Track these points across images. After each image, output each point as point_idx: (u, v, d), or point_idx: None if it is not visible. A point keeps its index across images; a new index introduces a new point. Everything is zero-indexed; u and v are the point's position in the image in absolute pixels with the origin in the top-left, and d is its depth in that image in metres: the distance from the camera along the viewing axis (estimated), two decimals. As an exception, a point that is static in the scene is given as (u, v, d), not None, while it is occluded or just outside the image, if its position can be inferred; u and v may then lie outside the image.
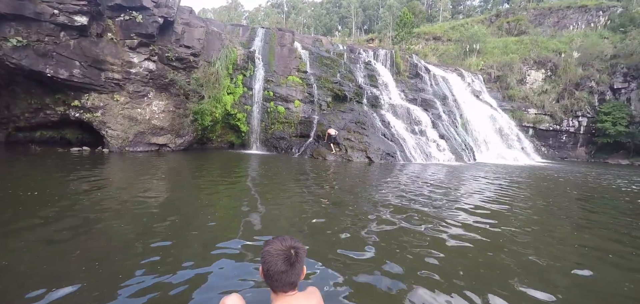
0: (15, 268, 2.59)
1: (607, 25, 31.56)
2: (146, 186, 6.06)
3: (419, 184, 7.77)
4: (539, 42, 29.33)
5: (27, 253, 2.87)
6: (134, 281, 2.46)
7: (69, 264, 2.70)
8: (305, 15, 62.86)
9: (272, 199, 5.52)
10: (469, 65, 27.66)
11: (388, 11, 46.38)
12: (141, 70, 11.54)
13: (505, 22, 37.22)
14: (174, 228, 3.73)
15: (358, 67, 18.93)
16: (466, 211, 5.22)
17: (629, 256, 3.60)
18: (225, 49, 13.93)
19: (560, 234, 4.30)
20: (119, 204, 4.63)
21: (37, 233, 3.36)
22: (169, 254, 2.99)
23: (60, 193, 5.08)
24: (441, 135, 16.73)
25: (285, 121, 15.20)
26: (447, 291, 2.53)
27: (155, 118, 12.29)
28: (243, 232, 3.70)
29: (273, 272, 1.30)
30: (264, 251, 1.36)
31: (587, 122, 25.09)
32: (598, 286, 2.84)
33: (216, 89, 13.22)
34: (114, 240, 3.29)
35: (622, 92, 24.52)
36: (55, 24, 9.86)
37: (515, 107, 25.45)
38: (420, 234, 3.91)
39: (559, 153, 25.59)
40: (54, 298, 2.18)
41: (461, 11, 56.97)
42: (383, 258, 3.11)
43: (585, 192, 8.25)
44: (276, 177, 8.03)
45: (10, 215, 3.87)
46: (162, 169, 8.46)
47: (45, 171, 7.06)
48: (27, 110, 11.31)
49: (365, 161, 12.96)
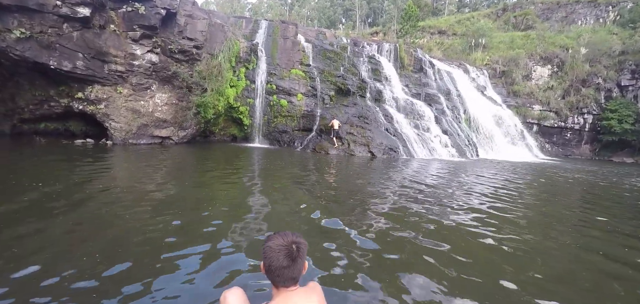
0: (26, 256, 2.63)
1: (617, 20, 30.93)
2: (150, 179, 6.10)
3: (420, 180, 7.75)
4: (546, 37, 28.84)
5: (36, 240, 2.91)
6: (134, 273, 2.49)
7: (76, 254, 2.74)
8: (309, 8, 62.21)
9: (274, 194, 5.53)
10: (474, 60, 27.32)
11: (393, 4, 45.78)
12: (144, 62, 11.53)
13: (512, 16, 36.62)
14: (175, 222, 3.75)
15: (362, 61, 18.78)
16: (466, 208, 5.20)
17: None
18: (228, 41, 13.86)
19: (559, 238, 4.28)
20: (122, 197, 4.67)
21: (43, 224, 3.40)
22: (170, 247, 3.01)
23: (67, 185, 5.13)
24: (444, 130, 16.64)
25: (287, 115, 15.17)
26: (447, 283, 2.54)
27: (158, 111, 12.32)
28: (244, 226, 3.72)
29: (275, 267, 1.30)
30: (266, 246, 1.36)
31: (592, 120, 24.79)
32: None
33: (219, 81, 13.20)
34: (117, 232, 3.32)
35: (630, 89, 24.14)
36: (58, 16, 9.84)
37: (520, 103, 25.19)
38: (421, 229, 3.91)
39: (563, 150, 25.37)
40: (63, 285, 2.21)
41: (467, 5, 56.04)
42: (383, 252, 3.12)
43: (594, 191, 8.18)
44: (278, 171, 8.04)
45: (17, 206, 3.92)
46: (166, 161, 8.50)
47: (49, 163, 7.12)
48: (31, 102, 11.37)
49: (368, 156, 12.93)
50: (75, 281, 2.35)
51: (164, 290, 2.33)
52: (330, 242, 3.40)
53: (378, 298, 2.40)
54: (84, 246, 2.97)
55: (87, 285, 2.32)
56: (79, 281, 2.36)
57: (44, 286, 2.27)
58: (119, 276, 2.48)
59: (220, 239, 3.30)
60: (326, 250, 3.19)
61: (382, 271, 2.82)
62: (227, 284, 2.46)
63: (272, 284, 1.39)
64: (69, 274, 2.43)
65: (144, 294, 2.27)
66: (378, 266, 2.90)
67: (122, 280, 2.41)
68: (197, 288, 2.39)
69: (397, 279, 2.69)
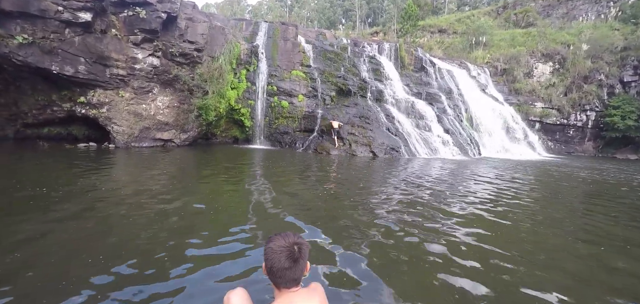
0: (31, 262, 2.65)
1: (618, 16, 30.77)
2: (153, 181, 6.12)
3: (422, 180, 7.74)
4: (547, 34, 28.74)
5: (40, 243, 2.93)
6: (138, 274, 2.50)
7: (81, 256, 2.75)
8: (309, 9, 62.31)
9: (276, 194, 5.54)
10: (475, 58, 27.26)
11: (393, 4, 45.79)
12: (145, 66, 11.58)
13: (512, 13, 36.52)
14: (178, 223, 3.76)
15: (362, 61, 18.78)
16: (469, 207, 5.18)
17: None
18: (228, 43, 13.90)
19: (558, 242, 4.25)
20: (125, 200, 4.68)
21: (48, 228, 3.42)
22: (173, 248, 3.02)
23: (70, 189, 5.15)
24: (446, 129, 16.60)
25: (289, 116, 15.19)
26: (447, 283, 2.53)
27: (160, 114, 12.37)
28: (246, 227, 3.72)
29: (276, 269, 1.30)
30: (267, 247, 1.36)
31: (595, 116, 24.65)
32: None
33: (220, 84, 13.24)
34: (121, 234, 3.34)
35: (632, 85, 24.00)
36: (60, 21, 9.91)
37: (521, 101, 25.09)
38: (422, 228, 3.90)
39: (565, 148, 25.23)
40: (64, 292, 2.22)
41: (467, 3, 55.93)
42: (385, 253, 3.11)
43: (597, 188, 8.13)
44: (280, 172, 8.05)
45: (23, 209, 3.94)
46: (168, 164, 8.53)
47: (53, 167, 7.16)
48: (34, 106, 11.45)
49: (369, 156, 12.92)
50: (80, 283, 2.36)
51: (167, 291, 2.34)
52: (333, 244, 3.39)
53: (382, 300, 2.39)
54: (89, 248, 2.98)
55: (91, 287, 2.33)
56: (83, 283, 2.37)
57: (48, 290, 2.28)
58: (122, 277, 2.49)
59: (222, 240, 3.31)
60: (328, 252, 3.19)
61: (386, 272, 2.81)
62: (230, 284, 2.46)
63: (274, 285, 1.39)
64: (75, 277, 2.44)
65: (147, 294, 2.28)
66: (382, 267, 2.89)
67: (126, 281, 2.42)
68: (200, 289, 2.39)
69: (400, 281, 2.68)
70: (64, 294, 2.23)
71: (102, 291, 2.30)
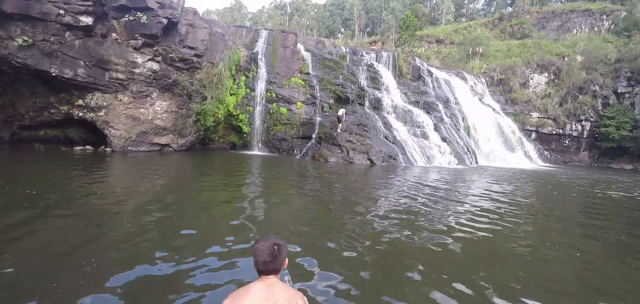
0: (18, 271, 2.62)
1: (611, 29, 31.42)
2: (148, 186, 6.09)
3: (419, 188, 7.76)
4: (542, 45, 29.23)
5: (30, 243, 2.90)
6: (130, 278, 2.48)
7: (73, 259, 2.73)
8: (309, 17, 63.04)
9: (272, 201, 5.53)
10: (471, 68, 27.60)
11: (391, 14, 46.44)
12: (145, 70, 11.62)
13: (508, 25, 37.12)
14: (172, 227, 3.75)
15: (360, 70, 18.94)
16: (464, 216, 5.20)
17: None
18: (228, 50, 14.01)
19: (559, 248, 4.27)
20: (120, 204, 4.66)
21: (33, 227, 3.39)
22: (168, 251, 3.01)
23: (64, 193, 5.12)
24: (443, 138, 16.69)
25: (287, 123, 15.23)
26: (443, 290, 2.53)
27: (158, 118, 12.36)
28: (240, 233, 3.72)
29: (260, 262, 1.64)
30: (254, 247, 1.71)
31: (590, 127, 24.93)
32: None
33: (219, 90, 13.29)
34: (115, 239, 3.32)
35: (626, 96, 24.37)
36: (60, 24, 9.96)
37: (518, 111, 25.35)
38: (419, 236, 3.91)
39: (561, 157, 25.43)
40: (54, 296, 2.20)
41: (464, 14, 56.87)
42: (380, 260, 3.11)
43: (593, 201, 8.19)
44: (277, 179, 8.05)
45: (20, 212, 3.91)
46: (164, 169, 8.50)
47: (48, 170, 7.11)
48: (31, 108, 11.41)
49: (367, 164, 12.95)
50: (72, 286, 2.34)
51: (162, 294, 2.32)
52: (326, 247, 3.39)
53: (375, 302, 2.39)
54: (82, 251, 2.96)
55: (84, 289, 2.31)
56: (75, 285, 2.35)
57: (38, 292, 2.26)
58: (115, 279, 2.47)
59: (218, 243, 3.30)
60: (324, 256, 3.18)
61: (382, 278, 2.81)
62: (226, 286, 2.45)
63: (259, 275, 1.70)
64: (66, 280, 2.42)
65: (140, 297, 2.26)
66: (378, 272, 2.89)
67: (118, 284, 2.41)
68: (197, 290, 2.38)
69: (397, 287, 2.68)
70: (54, 296, 2.21)
71: (93, 293, 2.28)
